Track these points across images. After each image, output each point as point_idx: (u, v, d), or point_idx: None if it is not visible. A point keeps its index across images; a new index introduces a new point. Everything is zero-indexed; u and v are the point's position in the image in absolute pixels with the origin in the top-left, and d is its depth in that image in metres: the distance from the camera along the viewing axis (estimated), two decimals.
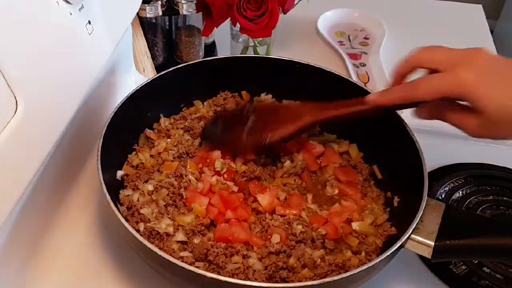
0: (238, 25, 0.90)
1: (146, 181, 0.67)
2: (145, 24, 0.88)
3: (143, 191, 0.66)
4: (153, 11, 0.85)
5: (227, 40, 1.00)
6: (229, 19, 0.90)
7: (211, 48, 1.02)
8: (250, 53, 0.97)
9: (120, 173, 0.68)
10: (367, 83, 0.98)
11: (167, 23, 0.92)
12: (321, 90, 0.75)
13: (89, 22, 0.61)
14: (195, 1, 0.86)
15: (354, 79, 0.94)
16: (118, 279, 0.65)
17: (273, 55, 0.97)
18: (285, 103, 0.80)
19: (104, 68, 0.69)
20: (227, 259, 0.59)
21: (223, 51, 1.02)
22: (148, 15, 0.85)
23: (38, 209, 0.64)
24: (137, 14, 0.82)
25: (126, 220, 0.57)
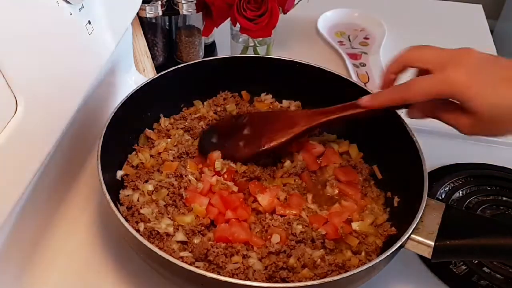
0: (238, 25, 0.90)
1: (146, 181, 0.67)
2: (145, 24, 0.88)
3: (143, 191, 0.66)
4: (153, 11, 0.85)
5: (227, 40, 1.00)
6: (229, 19, 0.90)
7: (211, 48, 1.02)
8: (250, 53, 0.97)
9: (120, 173, 0.68)
10: (367, 83, 0.98)
11: (167, 23, 0.92)
12: (321, 90, 0.75)
13: (89, 22, 0.61)
14: (195, 1, 0.86)
15: (354, 79, 0.94)
16: (118, 279, 0.65)
17: (273, 55, 0.97)
18: (278, 109, 0.80)
19: (104, 68, 0.69)
20: (227, 259, 0.59)
21: (223, 51, 1.02)
22: (148, 15, 0.85)
23: (38, 209, 0.64)
24: (137, 14, 0.82)
25: (126, 220, 0.57)
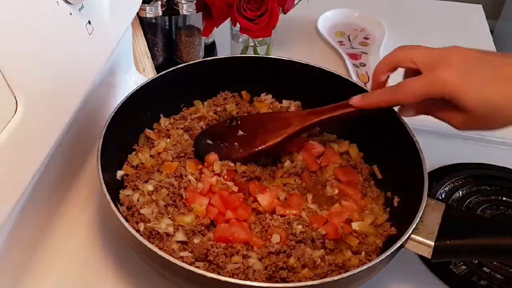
0: (238, 25, 0.90)
1: (146, 181, 0.67)
2: (145, 24, 0.88)
3: (143, 191, 0.66)
4: (153, 11, 0.85)
5: (227, 40, 1.00)
6: (229, 19, 0.90)
7: (211, 48, 1.02)
8: (250, 53, 0.97)
9: (120, 173, 0.68)
10: (367, 83, 0.98)
11: (167, 23, 0.92)
12: (321, 90, 0.75)
13: (89, 22, 0.61)
14: (195, 1, 0.86)
15: (354, 79, 0.94)
16: (118, 279, 0.65)
17: (273, 55, 0.97)
18: (271, 111, 0.80)
19: (104, 68, 0.69)
20: (227, 259, 0.59)
21: (223, 51, 1.02)
22: (148, 15, 0.85)
23: (38, 209, 0.64)
24: (137, 14, 0.82)
25: (126, 220, 0.57)
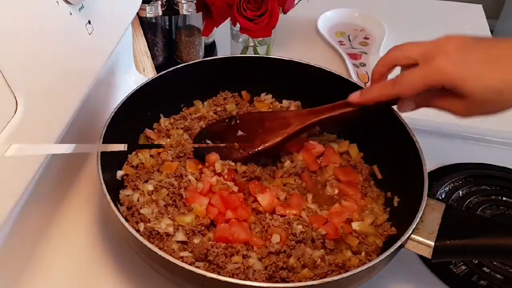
0: (238, 25, 0.90)
1: (146, 181, 0.67)
2: (145, 24, 0.88)
3: (143, 191, 0.66)
4: (153, 11, 0.85)
5: (227, 40, 1.00)
6: (229, 19, 0.90)
7: (211, 48, 1.02)
8: (250, 53, 0.97)
9: (120, 173, 0.68)
10: (367, 83, 0.98)
11: (167, 23, 0.92)
12: (321, 90, 0.75)
13: (89, 22, 0.61)
14: (195, 1, 0.86)
15: (354, 79, 0.94)
16: (118, 279, 0.65)
17: (273, 55, 0.97)
18: (270, 110, 0.80)
19: (104, 68, 0.69)
20: (227, 259, 0.59)
21: (223, 51, 1.02)
22: (148, 15, 0.85)
23: (38, 209, 0.64)
24: (137, 14, 0.82)
25: (126, 220, 0.57)
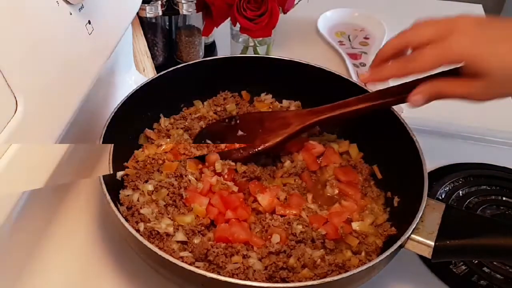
0: (238, 25, 0.90)
1: (146, 181, 0.67)
2: (145, 24, 0.88)
3: (143, 191, 0.66)
4: (153, 11, 0.85)
5: (227, 40, 1.00)
6: (229, 19, 0.90)
7: (211, 48, 1.02)
8: (250, 53, 0.97)
9: (120, 173, 0.68)
10: (367, 83, 0.98)
11: (167, 23, 0.92)
12: (321, 90, 0.75)
13: (89, 22, 0.61)
14: (195, 1, 0.86)
15: (354, 79, 0.94)
16: (118, 279, 0.65)
17: (273, 55, 0.97)
18: (270, 110, 0.80)
19: (104, 68, 0.69)
20: (227, 259, 0.59)
21: (223, 51, 1.02)
22: (148, 15, 0.85)
23: (38, 209, 0.64)
24: (137, 14, 0.82)
25: (126, 220, 0.57)
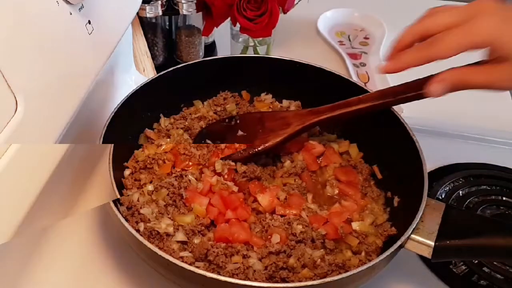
0: (238, 25, 0.90)
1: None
2: (145, 24, 0.88)
3: (143, 191, 0.66)
4: (153, 11, 0.85)
5: (227, 40, 1.00)
6: (229, 19, 0.90)
7: (211, 48, 1.02)
8: (250, 53, 0.97)
9: (127, 172, 0.68)
10: (367, 83, 0.98)
11: (167, 23, 0.92)
12: (321, 90, 0.75)
13: (89, 22, 0.61)
14: (195, 1, 0.86)
15: (354, 79, 0.94)
16: (118, 279, 0.65)
17: (273, 55, 0.97)
18: (270, 110, 0.80)
19: (104, 68, 0.69)
20: (227, 259, 0.59)
21: (223, 51, 1.02)
22: (148, 15, 0.85)
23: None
24: (137, 14, 0.82)
25: (126, 220, 0.57)
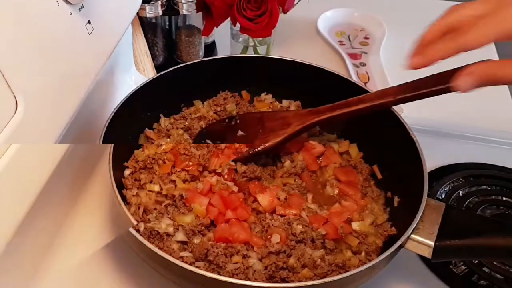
0: (238, 25, 0.90)
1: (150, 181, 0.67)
2: (145, 24, 0.88)
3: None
4: (153, 11, 0.85)
5: (227, 40, 1.00)
6: (229, 19, 0.90)
7: (211, 48, 1.02)
8: (250, 53, 0.97)
9: (127, 172, 0.68)
10: (367, 83, 0.98)
11: (167, 23, 0.92)
12: (321, 90, 0.75)
13: (89, 22, 0.61)
14: (195, 1, 0.86)
15: (354, 79, 0.94)
16: (119, 279, 0.65)
17: (273, 55, 0.97)
18: (270, 110, 0.80)
19: (104, 68, 0.69)
20: (227, 259, 0.59)
21: (223, 51, 1.02)
22: (148, 15, 0.85)
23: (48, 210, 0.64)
24: (137, 14, 0.82)
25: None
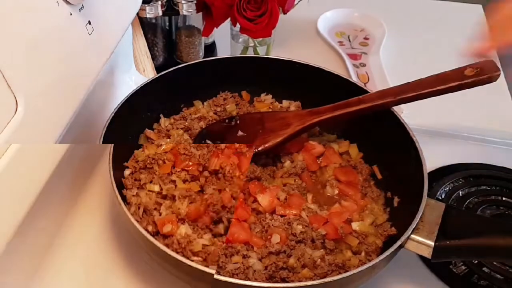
0: (238, 25, 0.90)
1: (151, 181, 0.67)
2: (145, 24, 0.88)
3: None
4: (153, 11, 0.85)
5: (227, 40, 1.00)
6: (229, 19, 0.90)
7: (211, 48, 1.02)
8: (250, 53, 0.98)
9: (127, 172, 0.68)
10: (367, 83, 0.98)
11: (167, 23, 0.92)
12: (321, 90, 0.75)
13: (89, 22, 0.61)
14: (195, 1, 0.86)
15: (354, 79, 0.94)
16: (124, 277, 0.65)
17: (273, 55, 0.97)
18: (270, 110, 0.80)
19: (104, 68, 0.69)
20: (227, 259, 0.59)
21: (223, 51, 1.02)
22: (148, 15, 0.85)
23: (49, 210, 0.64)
24: (137, 14, 0.82)
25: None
